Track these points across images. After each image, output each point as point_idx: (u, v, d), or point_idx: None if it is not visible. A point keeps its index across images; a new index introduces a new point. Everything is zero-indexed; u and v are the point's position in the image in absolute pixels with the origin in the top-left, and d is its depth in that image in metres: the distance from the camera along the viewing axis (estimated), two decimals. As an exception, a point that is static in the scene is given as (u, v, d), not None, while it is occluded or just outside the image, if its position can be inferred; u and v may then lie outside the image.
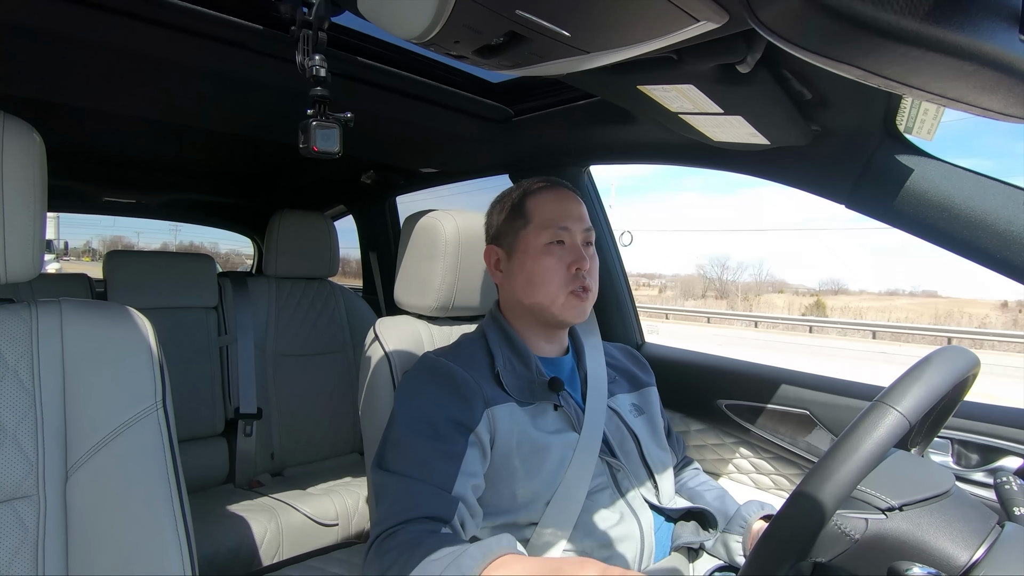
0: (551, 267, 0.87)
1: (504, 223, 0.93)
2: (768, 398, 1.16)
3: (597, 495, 0.84)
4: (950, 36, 0.38)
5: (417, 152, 1.54)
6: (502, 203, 0.96)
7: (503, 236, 0.93)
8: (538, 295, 0.88)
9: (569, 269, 0.87)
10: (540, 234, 0.88)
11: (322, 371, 1.80)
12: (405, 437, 0.76)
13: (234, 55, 0.87)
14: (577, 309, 0.88)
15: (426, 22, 0.53)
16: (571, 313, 0.88)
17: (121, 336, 0.64)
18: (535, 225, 0.89)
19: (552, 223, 0.88)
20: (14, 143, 0.59)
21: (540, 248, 0.88)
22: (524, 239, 0.90)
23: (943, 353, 0.59)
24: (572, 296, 0.87)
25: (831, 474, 0.50)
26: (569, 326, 0.94)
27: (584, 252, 0.89)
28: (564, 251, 0.88)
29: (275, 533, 1.39)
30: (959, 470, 0.94)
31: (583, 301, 0.88)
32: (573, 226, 0.89)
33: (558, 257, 0.87)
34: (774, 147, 0.92)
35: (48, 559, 0.57)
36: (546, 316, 0.89)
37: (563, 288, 0.87)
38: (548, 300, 0.87)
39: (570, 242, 0.89)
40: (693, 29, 0.54)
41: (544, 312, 0.89)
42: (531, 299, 0.89)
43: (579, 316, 0.89)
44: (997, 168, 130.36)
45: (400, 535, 0.67)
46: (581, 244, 0.89)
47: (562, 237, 0.88)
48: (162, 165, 1.96)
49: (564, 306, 0.87)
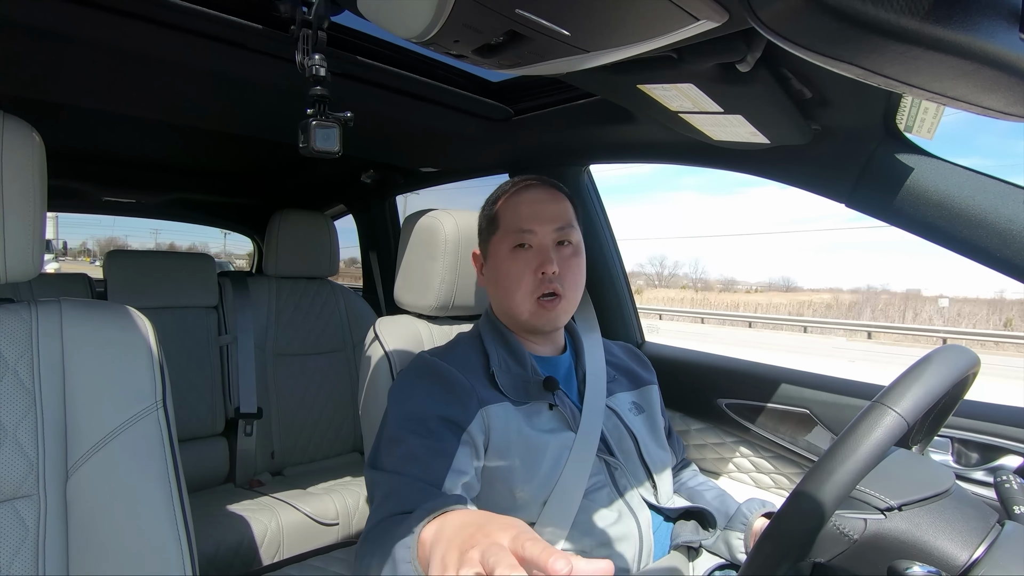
0: (515, 273, 0.85)
1: (483, 229, 0.94)
2: (768, 397, 1.16)
3: (595, 494, 0.84)
4: (950, 35, 0.38)
5: (417, 151, 1.54)
6: (485, 207, 0.96)
7: (482, 241, 0.94)
8: (507, 302, 0.87)
9: (535, 274, 0.84)
10: (504, 239, 0.87)
11: (322, 370, 1.80)
12: (397, 435, 0.76)
13: (233, 54, 0.87)
14: (545, 318, 0.86)
15: (426, 21, 0.53)
16: (540, 321, 0.86)
17: (121, 336, 0.64)
18: (502, 230, 0.88)
19: (516, 227, 0.86)
20: (14, 143, 0.59)
21: (506, 254, 0.87)
22: (494, 245, 0.89)
23: (942, 353, 0.59)
24: (539, 304, 0.85)
25: (829, 476, 0.50)
26: (546, 332, 0.92)
27: (553, 254, 0.85)
28: (530, 255, 0.85)
29: (275, 532, 1.39)
30: (959, 469, 0.94)
31: (550, 310, 0.85)
32: (540, 227, 0.85)
33: (524, 262, 0.85)
34: (774, 146, 0.92)
35: (48, 558, 0.57)
36: (519, 321, 0.88)
37: (529, 295, 0.85)
38: (516, 308, 0.86)
39: (537, 244, 0.86)
40: (693, 28, 0.54)
41: (516, 317, 0.88)
42: (502, 305, 0.89)
43: (550, 324, 0.87)
44: (995, 167, 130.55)
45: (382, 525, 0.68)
46: (551, 245, 0.86)
47: (526, 240, 0.86)
48: (162, 165, 1.96)
49: (533, 314, 0.86)
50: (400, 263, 1.09)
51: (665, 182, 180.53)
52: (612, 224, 1.44)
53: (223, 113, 1.18)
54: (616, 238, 1.45)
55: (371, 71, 0.99)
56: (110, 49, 0.81)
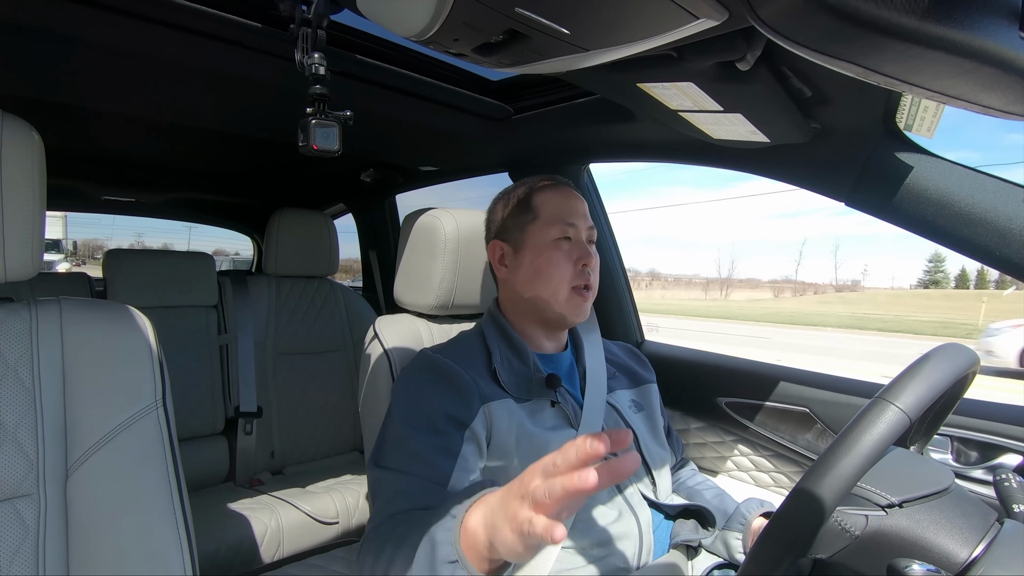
0: (558, 261, 0.88)
1: (509, 218, 0.94)
2: (768, 396, 1.16)
3: (595, 492, 0.84)
4: (950, 33, 0.38)
5: (416, 150, 1.53)
6: (506, 199, 0.96)
7: (508, 231, 0.94)
8: (542, 289, 0.88)
9: (576, 265, 0.88)
10: (548, 229, 0.89)
11: (322, 369, 1.80)
12: (401, 433, 0.76)
13: (233, 53, 0.86)
14: (579, 308, 0.89)
15: (425, 20, 0.53)
16: (573, 311, 0.89)
17: (121, 335, 0.64)
18: (543, 220, 0.90)
19: (560, 219, 0.90)
20: (14, 143, 0.59)
21: (548, 242, 0.89)
22: (532, 234, 0.91)
23: (943, 350, 0.59)
24: (575, 293, 0.88)
25: (831, 470, 0.50)
26: (569, 325, 0.94)
27: (588, 249, 0.90)
28: (571, 247, 0.89)
29: (275, 531, 1.39)
30: (959, 467, 0.94)
31: (584, 300, 0.89)
32: (579, 223, 0.90)
33: (565, 252, 0.89)
34: (774, 145, 0.92)
35: (48, 557, 0.57)
36: (547, 312, 0.89)
37: (567, 283, 0.88)
38: (550, 294, 0.88)
39: (576, 238, 0.90)
40: (693, 27, 0.54)
41: (545, 308, 0.89)
42: (533, 293, 0.89)
43: (580, 315, 0.90)
44: (983, 160, 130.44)
45: (393, 520, 0.68)
46: (585, 241, 0.91)
47: (569, 233, 0.89)
48: (161, 164, 1.95)
49: (566, 303, 0.88)
50: (400, 262, 1.09)
51: (657, 177, 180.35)
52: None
53: (223, 112, 1.18)
54: (616, 238, 1.45)
55: (371, 70, 0.98)
56: (110, 49, 0.81)
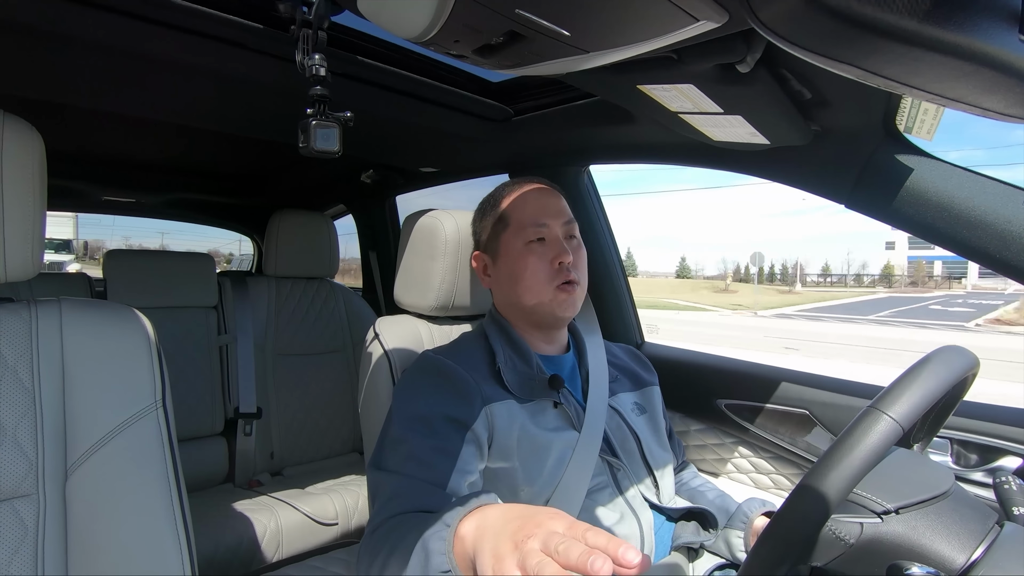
0: (534, 265, 0.87)
1: (485, 229, 0.94)
2: (767, 398, 1.16)
3: (597, 494, 0.84)
4: (950, 36, 0.38)
5: (417, 151, 1.54)
6: (483, 209, 0.97)
7: (487, 242, 0.94)
8: (524, 295, 0.88)
9: (552, 264, 0.87)
10: (519, 234, 0.89)
11: (322, 370, 1.80)
12: (401, 435, 0.76)
13: (233, 54, 0.86)
14: (566, 303, 0.88)
15: (426, 21, 0.53)
16: (561, 308, 0.88)
17: (121, 335, 0.64)
18: (514, 227, 0.90)
19: (529, 222, 0.89)
20: (14, 143, 0.59)
21: (521, 249, 0.88)
22: (505, 242, 0.91)
23: (940, 354, 0.58)
24: (559, 291, 0.87)
25: (823, 482, 0.50)
26: (563, 323, 0.93)
27: (566, 245, 0.88)
28: (545, 247, 0.88)
29: (275, 532, 1.39)
30: (958, 470, 0.94)
31: (570, 294, 0.88)
32: (551, 221, 0.89)
33: (539, 255, 0.88)
34: (774, 147, 0.92)
35: (48, 558, 0.57)
36: (538, 315, 0.89)
37: (548, 284, 0.87)
38: (536, 299, 0.88)
39: (551, 237, 0.89)
40: (693, 29, 0.54)
41: (535, 312, 0.89)
42: (518, 299, 0.89)
43: (569, 310, 0.89)
44: (988, 157, 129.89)
45: (389, 523, 0.67)
46: (563, 238, 0.89)
47: (541, 234, 0.89)
48: (161, 165, 1.95)
49: (553, 302, 0.87)
50: (400, 263, 1.09)
51: (654, 176, 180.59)
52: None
53: (223, 113, 1.18)
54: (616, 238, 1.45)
55: (371, 71, 0.98)
56: (110, 49, 0.81)
